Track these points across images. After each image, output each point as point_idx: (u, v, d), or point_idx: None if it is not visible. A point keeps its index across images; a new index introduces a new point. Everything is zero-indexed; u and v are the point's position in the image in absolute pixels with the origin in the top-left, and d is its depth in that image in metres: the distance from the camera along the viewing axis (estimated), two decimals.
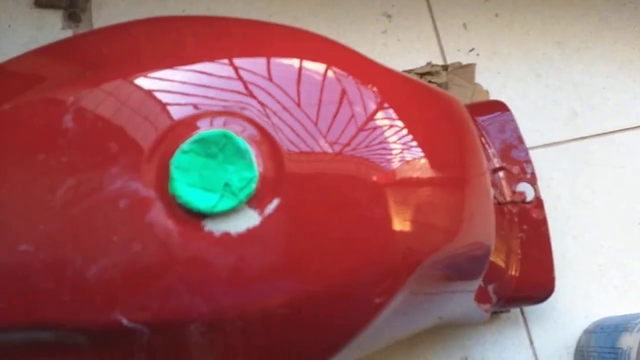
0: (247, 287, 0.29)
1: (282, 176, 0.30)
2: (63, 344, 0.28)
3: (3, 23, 0.59)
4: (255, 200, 0.29)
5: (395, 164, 0.34)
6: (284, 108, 0.32)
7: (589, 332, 0.55)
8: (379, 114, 0.35)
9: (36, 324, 0.28)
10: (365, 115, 0.34)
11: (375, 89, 0.35)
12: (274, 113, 0.32)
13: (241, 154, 0.30)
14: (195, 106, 0.31)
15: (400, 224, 0.33)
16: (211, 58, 0.33)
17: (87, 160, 0.29)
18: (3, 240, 0.28)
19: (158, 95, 0.30)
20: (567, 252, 0.58)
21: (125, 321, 0.27)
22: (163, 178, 0.29)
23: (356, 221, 0.32)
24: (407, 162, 0.35)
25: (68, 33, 0.59)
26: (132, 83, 0.30)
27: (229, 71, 0.32)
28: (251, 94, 0.32)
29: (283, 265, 0.29)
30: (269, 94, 0.32)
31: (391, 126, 0.35)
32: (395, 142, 0.35)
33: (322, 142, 0.32)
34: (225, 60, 0.33)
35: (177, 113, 0.30)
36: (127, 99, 0.30)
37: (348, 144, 0.33)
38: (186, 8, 0.60)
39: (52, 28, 0.58)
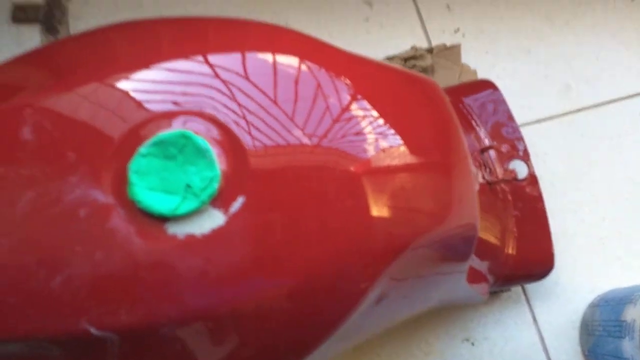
0: (216, 288, 0.28)
1: (246, 173, 0.30)
2: (37, 355, 0.28)
3: None
4: (219, 200, 0.29)
5: (371, 152, 0.34)
6: (248, 104, 0.32)
7: (593, 306, 0.53)
8: (352, 105, 0.34)
9: (5, 336, 0.27)
10: (340, 107, 0.34)
11: (347, 80, 0.35)
12: (237, 109, 0.31)
13: (201, 153, 0.29)
14: (151, 109, 0.30)
15: (378, 210, 0.33)
16: (173, 56, 0.32)
17: (46, 171, 0.28)
18: None
19: (113, 100, 0.30)
20: (567, 228, 0.57)
21: (93, 330, 0.27)
22: (122, 183, 0.29)
23: (331, 211, 0.32)
24: (383, 150, 0.34)
25: None
26: (86, 89, 0.30)
27: (189, 69, 0.32)
28: (211, 92, 0.31)
29: (252, 264, 0.29)
30: (233, 90, 0.32)
31: (365, 117, 0.34)
32: (369, 132, 0.34)
33: (290, 135, 0.32)
34: (187, 58, 0.32)
35: (133, 117, 0.30)
36: (82, 106, 0.29)
37: (316, 135, 0.33)
38: (164, 14, 0.59)
39: (31, 42, 0.59)
